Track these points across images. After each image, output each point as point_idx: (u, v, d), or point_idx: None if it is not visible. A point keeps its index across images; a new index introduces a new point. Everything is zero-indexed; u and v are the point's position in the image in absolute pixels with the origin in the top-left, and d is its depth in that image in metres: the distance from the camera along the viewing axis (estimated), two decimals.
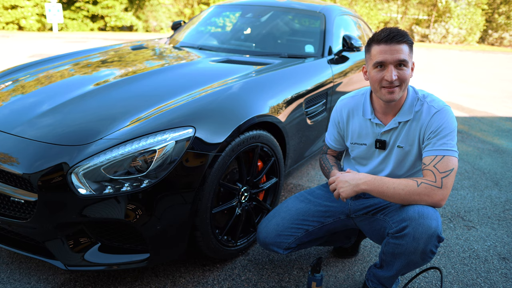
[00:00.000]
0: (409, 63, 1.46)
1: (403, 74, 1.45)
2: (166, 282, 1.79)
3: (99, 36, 15.92)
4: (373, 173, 1.70)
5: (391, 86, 1.46)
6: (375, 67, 1.48)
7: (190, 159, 1.57)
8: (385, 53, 1.44)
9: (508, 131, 4.90)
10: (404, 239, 1.41)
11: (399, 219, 1.45)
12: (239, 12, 3.61)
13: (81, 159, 1.49)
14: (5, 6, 17.04)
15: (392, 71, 1.44)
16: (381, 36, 1.45)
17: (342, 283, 1.87)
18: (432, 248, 1.40)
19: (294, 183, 2.95)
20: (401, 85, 1.47)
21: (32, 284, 1.73)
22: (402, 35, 1.44)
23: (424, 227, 1.38)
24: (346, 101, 1.73)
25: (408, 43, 1.46)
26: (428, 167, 1.45)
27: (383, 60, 1.44)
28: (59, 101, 1.85)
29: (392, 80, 1.43)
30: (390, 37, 1.43)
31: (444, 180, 1.41)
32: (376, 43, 1.47)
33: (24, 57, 8.86)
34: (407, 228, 1.40)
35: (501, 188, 3.12)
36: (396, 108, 1.56)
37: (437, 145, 1.47)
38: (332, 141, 1.82)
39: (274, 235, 1.71)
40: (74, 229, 1.55)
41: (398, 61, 1.43)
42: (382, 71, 1.46)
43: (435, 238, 1.39)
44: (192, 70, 2.38)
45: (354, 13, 4.03)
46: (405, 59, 1.43)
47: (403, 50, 1.43)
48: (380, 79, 1.47)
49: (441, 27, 24.35)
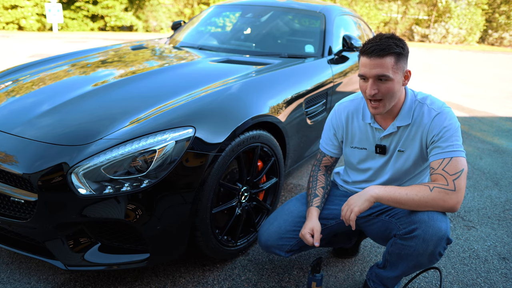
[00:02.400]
0: (394, 75, 1.41)
1: (385, 87, 1.42)
2: (166, 282, 1.79)
3: (99, 36, 15.92)
4: (373, 178, 1.69)
5: (373, 99, 1.44)
6: (360, 78, 1.47)
7: (190, 159, 1.57)
8: (365, 66, 1.42)
9: (508, 131, 4.90)
10: (414, 241, 1.40)
11: (408, 220, 1.44)
12: (239, 12, 3.61)
13: (81, 159, 1.49)
14: (5, 6, 17.03)
15: (371, 85, 1.42)
16: (365, 48, 1.42)
17: (342, 283, 1.87)
18: (441, 250, 1.39)
19: (294, 183, 2.95)
20: (384, 99, 1.44)
21: (32, 284, 1.73)
22: (383, 48, 1.37)
23: (435, 229, 1.36)
24: (345, 105, 1.70)
25: (395, 54, 1.39)
26: (437, 171, 1.42)
27: (363, 73, 1.43)
28: (59, 101, 1.85)
29: (371, 94, 1.42)
30: (371, 51, 1.39)
31: (456, 182, 1.37)
32: (361, 53, 1.45)
33: (24, 57, 8.86)
34: (417, 230, 1.39)
35: (501, 188, 3.12)
36: (394, 112, 1.54)
37: (443, 148, 1.44)
38: (329, 146, 1.77)
39: (276, 238, 1.69)
40: (74, 229, 1.55)
41: (376, 76, 1.41)
42: (366, 83, 1.45)
43: (445, 240, 1.38)
44: (192, 70, 2.38)
45: (354, 13, 4.03)
46: (384, 74, 1.39)
47: (384, 64, 1.39)
48: (364, 91, 1.47)
49: (441, 27, 24.34)
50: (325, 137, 1.78)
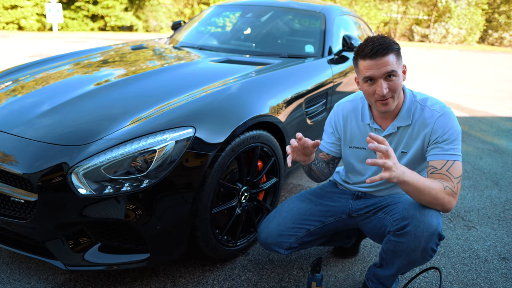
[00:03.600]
0: (399, 71, 1.44)
1: (394, 84, 1.43)
2: (166, 282, 1.79)
3: (99, 36, 15.92)
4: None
5: (384, 98, 1.45)
6: (365, 82, 1.47)
7: (190, 159, 1.57)
8: (371, 68, 1.42)
9: (508, 131, 4.89)
10: (405, 237, 1.41)
11: (400, 217, 1.45)
12: (239, 12, 3.61)
13: (81, 159, 1.49)
14: (5, 6, 17.04)
15: (382, 85, 1.42)
16: (365, 52, 1.42)
17: (342, 283, 1.87)
18: (433, 246, 1.40)
19: (294, 183, 2.95)
20: (393, 95, 1.45)
21: (32, 284, 1.73)
22: (386, 47, 1.40)
23: (426, 225, 1.38)
24: (344, 105, 1.71)
25: (394, 51, 1.42)
26: (441, 171, 1.43)
27: (371, 75, 1.43)
28: (59, 101, 1.85)
29: (383, 94, 1.42)
30: (374, 52, 1.40)
31: (458, 186, 1.41)
32: (361, 58, 1.44)
33: (24, 57, 8.86)
34: (408, 226, 1.40)
35: (501, 188, 3.12)
36: (394, 113, 1.55)
37: (446, 149, 1.45)
38: (326, 144, 1.77)
39: (276, 235, 1.70)
40: (74, 229, 1.55)
41: (386, 74, 1.41)
42: (373, 85, 1.45)
43: (436, 236, 1.39)
44: (192, 70, 2.38)
45: (354, 13, 4.03)
46: (393, 69, 1.41)
47: (389, 61, 1.40)
48: (372, 93, 1.46)
49: (441, 27, 24.34)
50: (325, 135, 1.80)
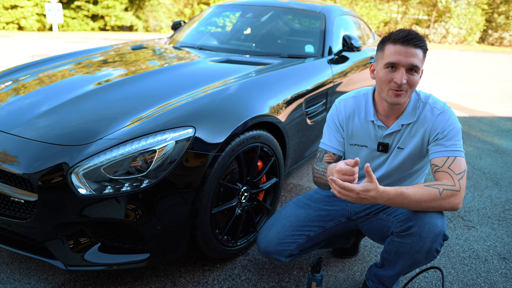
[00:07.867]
0: (420, 70, 1.42)
1: (413, 79, 1.41)
2: (166, 282, 1.79)
3: (99, 36, 15.91)
4: None
5: (399, 89, 1.41)
6: (386, 67, 1.42)
7: (190, 159, 1.57)
8: (399, 54, 1.38)
9: (508, 131, 4.89)
10: (410, 238, 1.40)
11: (405, 218, 1.44)
12: (239, 12, 3.60)
13: (81, 159, 1.49)
14: (5, 6, 17.02)
15: (403, 74, 1.39)
16: (399, 36, 1.39)
17: (342, 283, 1.87)
18: (438, 246, 1.40)
19: (294, 183, 2.95)
20: (408, 90, 1.43)
21: (32, 284, 1.73)
22: (420, 39, 1.39)
23: (431, 225, 1.37)
24: (346, 101, 1.66)
25: (424, 49, 1.41)
26: (442, 168, 1.41)
27: (396, 61, 1.39)
28: (59, 101, 1.85)
29: (401, 84, 1.39)
30: (408, 39, 1.37)
31: (461, 182, 1.38)
32: (392, 42, 1.41)
33: (24, 57, 8.86)
34: (414, 227, 1.39)
35: (501, 188, 3.12)
36: (399, 110, 1.53)
37: (446, 146, 1.44)
38: (333, 143, 1.67)
39: (276, 244, 1.68)
40: (74, 229, 1.55)
41: (410, 66, 1.39)
42: (393, 72, 1.41)
43: (441, 236, 1.39)
44: (192, 70, 2.38)
45: (354, 13, 4.03)
46: (417, 65, 1.39)
47: (418, 55, 1.39)
48: (389, 80, 1.42)
49: (441, 27, 24.33)
50: (328, 133, 1.70)
